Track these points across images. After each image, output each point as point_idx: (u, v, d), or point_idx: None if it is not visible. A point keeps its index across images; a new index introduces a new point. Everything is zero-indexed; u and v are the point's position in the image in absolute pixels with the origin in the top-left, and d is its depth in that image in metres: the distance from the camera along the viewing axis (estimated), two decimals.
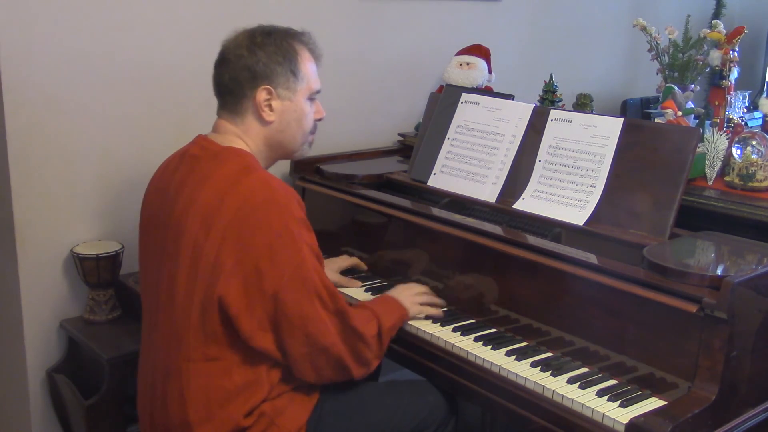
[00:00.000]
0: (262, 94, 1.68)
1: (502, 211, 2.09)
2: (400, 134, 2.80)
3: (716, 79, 2.55)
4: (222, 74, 1.70)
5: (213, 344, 1.58)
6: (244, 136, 1.71)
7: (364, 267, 2.19)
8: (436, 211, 2.12)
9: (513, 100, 2.23)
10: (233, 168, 1.62)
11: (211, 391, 1.59)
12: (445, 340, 1.81)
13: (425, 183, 2.28)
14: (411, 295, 1.90)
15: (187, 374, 1.59)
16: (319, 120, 1.82)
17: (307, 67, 1.74)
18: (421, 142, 2.36)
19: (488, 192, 2.12)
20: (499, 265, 1.87)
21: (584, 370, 1.67)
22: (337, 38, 2.65)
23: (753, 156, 1.97)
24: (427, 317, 1.91)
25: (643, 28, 2.72)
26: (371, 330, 1.71)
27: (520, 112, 2.15)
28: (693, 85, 2.68)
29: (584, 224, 1.90)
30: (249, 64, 1.67)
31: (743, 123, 2.28)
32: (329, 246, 2.37)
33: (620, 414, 1.50)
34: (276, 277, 1.55)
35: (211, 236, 1.55)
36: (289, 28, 1.76)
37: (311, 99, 1.77)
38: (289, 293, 1.56)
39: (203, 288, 1.56)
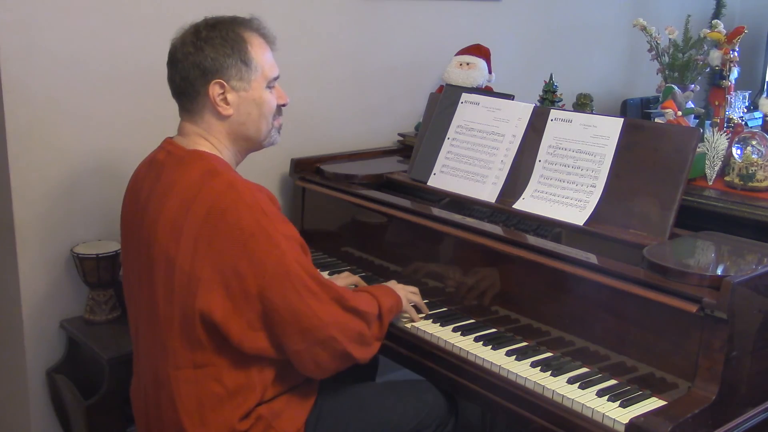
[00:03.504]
0: (214, 89, 1.61)
1: (502, 211, 2.09)
2: (400, 134, 2.80)
3: (716, 79, 2.55)
4: (173, 75, 1.65)
5: (199, 351, 1.55)
6: (208, 136, 1.65)
7: (365, 285, 2.12)
8: (436, 211, 2.12)
9: (513, 100, 2.23)
10: (197, 173, 1.57)
11: (202, 396, 1.57)
12: (445, 340, 1.81)
13: (425, 183, 2.28)
14: (404, 288, 1.91)
15: (176, 382, 1.57)
16: (284, 105, 1.73)
17: (260, 54, 1.65)
18: (421, 142, 2.36)
19: (488, 192, 2.12)
20: (499, 265, 1.87)
21: (584, 370, 1.67)
22: (337, 38, 2.65)
23: (753, 156, 1.97)
24: (427, 317, 1.92)
25: (643, 28, 2.72)
26: (373, 309, 1.70)
27: (520, 112, 2.15)
28: (693, 85, 2.68)
29: (584, 224, 1.90)
30: (197, 61, 1.60)
31: (743, 123, 2.27)
32: (329, 246, 2.37)
33: (620, 414, 1.50)
34: (258, 276, 1.50)
35: (182, 246, 1.52)
36: (236, 16, 1.68)
37: (270, 87, 1.69)
38: (275, 290, 1.51)
39: (181, 301, 1.53)
